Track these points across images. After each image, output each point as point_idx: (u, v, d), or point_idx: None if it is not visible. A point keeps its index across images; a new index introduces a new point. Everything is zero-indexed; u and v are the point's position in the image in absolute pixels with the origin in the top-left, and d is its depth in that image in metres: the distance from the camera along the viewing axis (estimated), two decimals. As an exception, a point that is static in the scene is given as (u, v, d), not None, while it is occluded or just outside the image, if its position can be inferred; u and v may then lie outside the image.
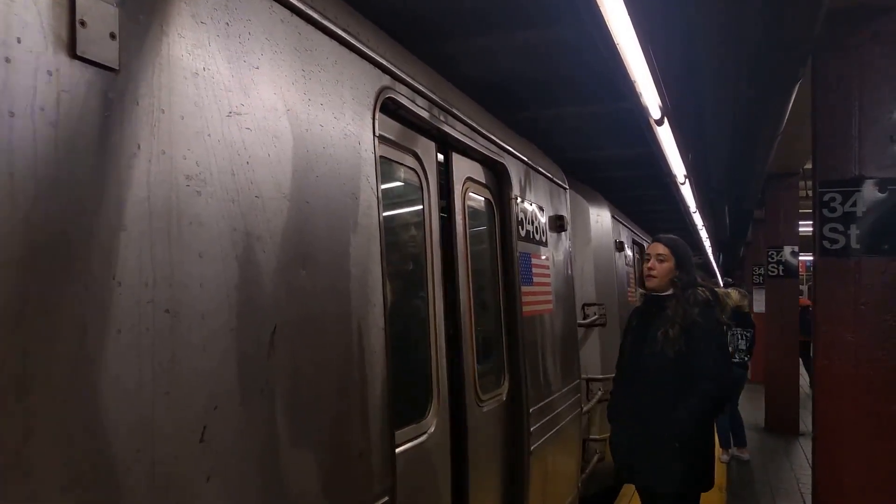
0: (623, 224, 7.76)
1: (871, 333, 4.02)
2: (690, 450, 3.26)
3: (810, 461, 6.39)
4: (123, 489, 1.24)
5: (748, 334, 7.46)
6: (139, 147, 1.32)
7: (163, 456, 1.32)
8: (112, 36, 1.28)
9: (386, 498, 2.10)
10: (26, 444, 1.07)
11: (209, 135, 1.51)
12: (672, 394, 3.25)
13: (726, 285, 9.87)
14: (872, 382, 4.05)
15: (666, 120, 3.90)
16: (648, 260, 3.47)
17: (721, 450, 7.64)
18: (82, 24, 1.21)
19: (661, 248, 3.43)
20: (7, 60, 1.08)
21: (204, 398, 1.43)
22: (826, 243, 4.10)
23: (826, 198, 4.09)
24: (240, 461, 1.53)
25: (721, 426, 7.66)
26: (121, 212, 1.26)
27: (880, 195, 3.97)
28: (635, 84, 3.30)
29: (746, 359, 7.47)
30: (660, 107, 3.69)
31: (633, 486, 5.70)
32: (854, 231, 4.02)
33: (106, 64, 1.26)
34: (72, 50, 1.20)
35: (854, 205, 4.01)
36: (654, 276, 3.41)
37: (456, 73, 3.46)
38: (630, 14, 2.51)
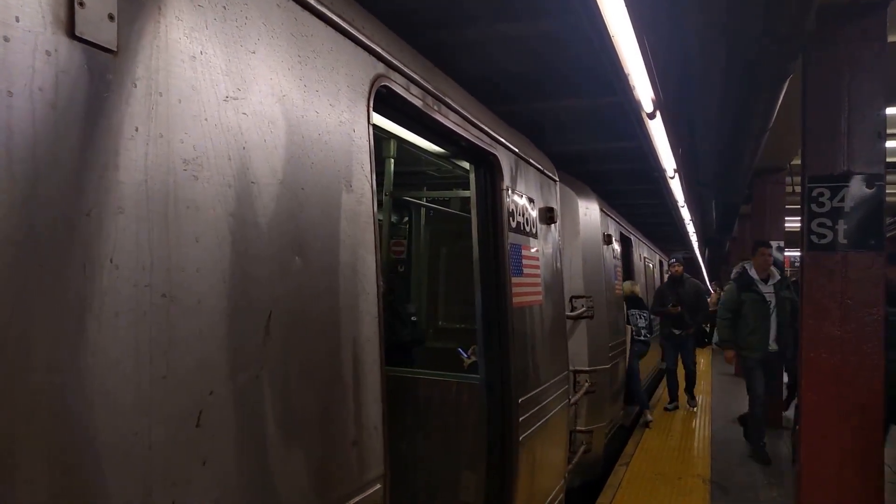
0: (611, 217, 7.79)
1: (857, 327, 4.07)
2: None
3: (793, 454, 6.47)
4: (121, 472, 1.23)
5: (645, 314, 9.07)
6: (137, 129, 1.31)
7: (159, 440, 1.32)
8: (111, 17, 1.26)
9: (378, 486, 2.11)
10: (28, 425, 1.07)
11: (206, 119, 1.50)
12: None
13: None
14: (858, 376, 4.11)
15: (658, 114, 3.91)
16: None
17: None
18: (81, 4, 1.20)
19: None
20: (5, 39, 1.07)
21: (200, 383, 1.43)
22: (814, 238, 4.14)
23: (815, 193, 4.14)
24: (235, 447, 1.53)
25: (633, 389, 8.71)
26: (119, 194, 1.25)
27: (868, 191, 4.02)
28: (629, 77, 3.31)
29: (647, 335, 9.01)
30: (652, 100, 3.70)
31: (619, 475, 6.46)
32: (842, 226, 4.07)
33: (104, 45, 1.25)
34: (70, 30, 1.18)
35: (842, 200, 4.06)
36: None
37: (448, 64, 3.46)
38: (627, 5, 2.51)
